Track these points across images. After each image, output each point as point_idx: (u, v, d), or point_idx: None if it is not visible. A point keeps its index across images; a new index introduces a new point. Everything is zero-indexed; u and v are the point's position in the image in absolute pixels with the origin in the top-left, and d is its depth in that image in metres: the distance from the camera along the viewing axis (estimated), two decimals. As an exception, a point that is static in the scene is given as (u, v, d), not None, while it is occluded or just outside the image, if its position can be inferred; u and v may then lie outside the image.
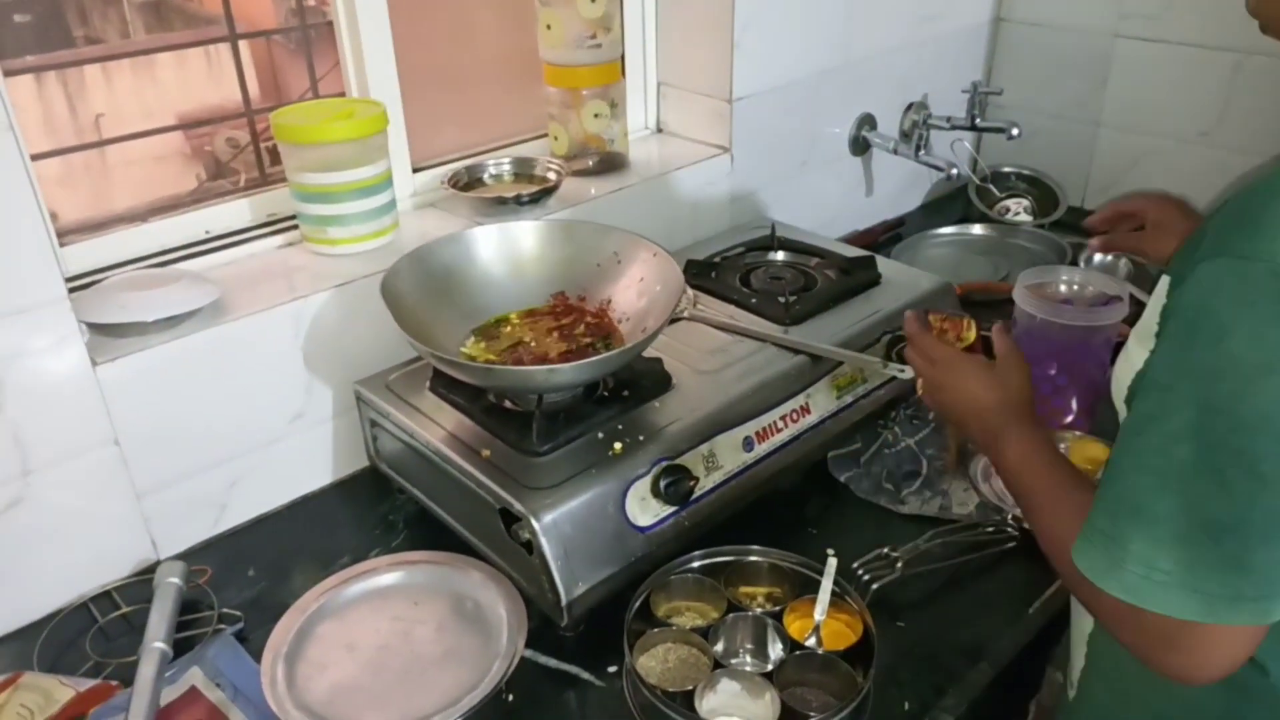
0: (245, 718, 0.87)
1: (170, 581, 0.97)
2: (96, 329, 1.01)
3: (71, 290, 0.95)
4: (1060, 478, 0.77)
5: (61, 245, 1.07)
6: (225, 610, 1.00)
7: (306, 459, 1.17)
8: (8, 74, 0.86)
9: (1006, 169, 1.83)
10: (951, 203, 1.89)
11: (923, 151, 1.63)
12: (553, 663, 0.93)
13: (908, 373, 1.10)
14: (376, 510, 1.14)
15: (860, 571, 0.99)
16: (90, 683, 0.89)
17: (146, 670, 0.86)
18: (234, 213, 1.22)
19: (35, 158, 0.91)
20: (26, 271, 0.91)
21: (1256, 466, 0.58)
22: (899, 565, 0.99)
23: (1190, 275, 0.62)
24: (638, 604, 0.91)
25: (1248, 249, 0.59)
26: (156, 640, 0.89)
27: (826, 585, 0.90)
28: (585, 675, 0.92)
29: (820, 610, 0.89)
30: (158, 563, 1.06)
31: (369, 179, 1.15)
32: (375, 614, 0.88)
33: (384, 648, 0.84)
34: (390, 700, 0.80)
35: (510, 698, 0.86)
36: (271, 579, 1.05)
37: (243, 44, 1.90)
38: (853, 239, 1.70)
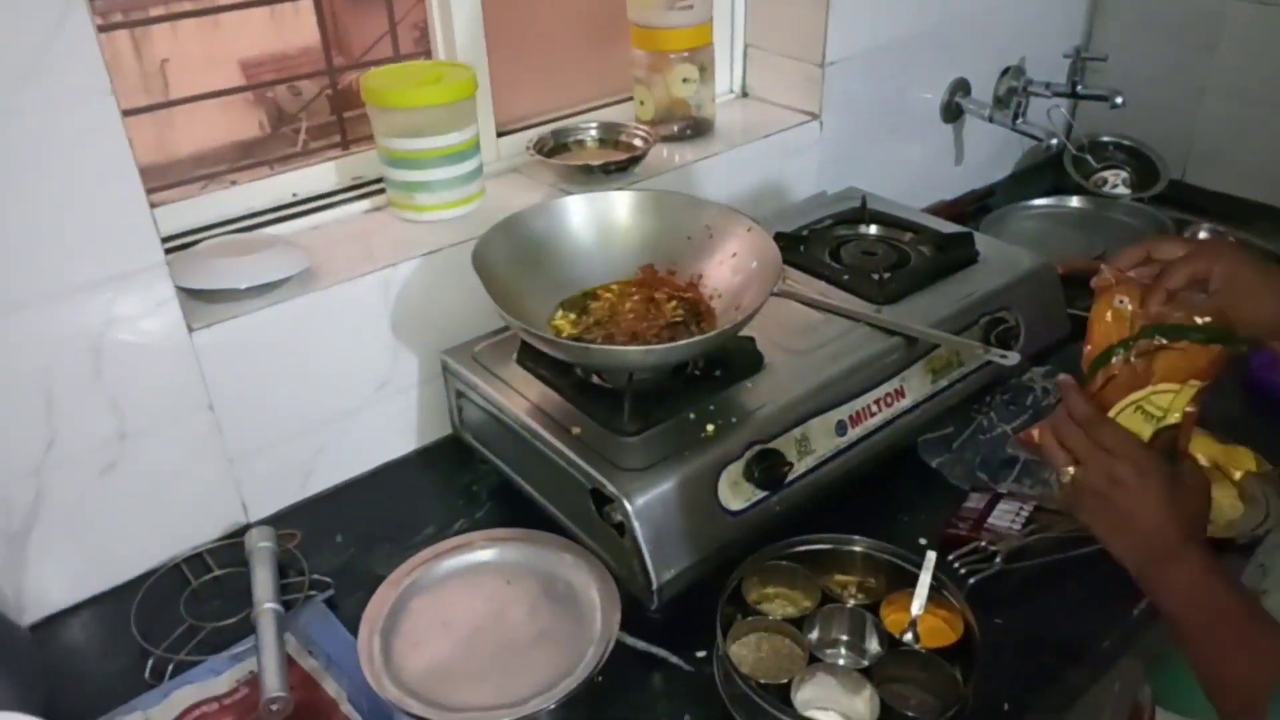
0: (338, 687, 0.88)
1: (264, 545, 0.98)
2: (189, 294, 1.01)
3: (165, 254, 0.95)
4: (1254, 607, 0.69)
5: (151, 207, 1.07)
6: (315, 576, 1.01)
7: (391, 427, 1.17)
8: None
9: (1105, 138, 1.75)
10: (1042, 173, 1.82)
11: (1020, 119, 1.57)
12: (641, 645, 0.92)
13: (1011, 359, 1.06)
14: (460, 480, 1.14)
15: (957, 565, 0.97)
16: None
17: (268, 630, 0.88)
18: (320, 175, 1.21)
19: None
20: (127, 236, 0.91)
21: None
22: (997, 560, 0.97)
23: None
24: (729, 591, 0.90)
25: None
26: (267, 601, 0.90)
27: (925, 579, 0.88)
28: (674, 659, 0.91)
29: (918, 605, 0.87)
30: (247, 526, 1.07)
31: (457, 145, 1.13)
32: (469, 591, 0.88)
33: (478, 627, 0.84)
34: (485, 681, 0.80)
35: (600, 679, 0.86)
36: (359, 546, 1.06)
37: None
38: (939, 209, 1.64)
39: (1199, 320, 0.76)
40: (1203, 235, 1.48)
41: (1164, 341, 0.76)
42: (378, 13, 2.42)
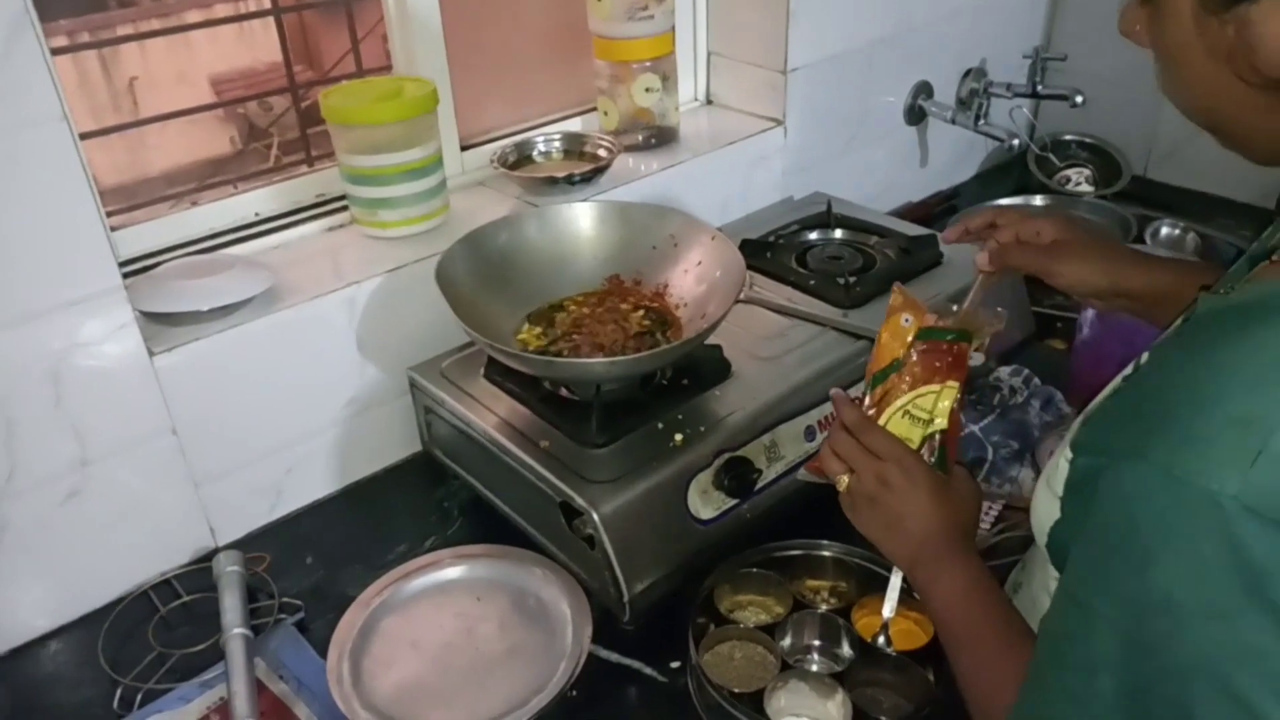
0: (309, 711, 0.87)
1: (232, 570, 0.97)
2: (150, 318, 1.00)
3: (123, 275, 0.94)
4: (1005, 627, 0.68)
5: (111, 230, 1.06)
6: (285, 599, 1.00)
7: (360, 445, 1.16)
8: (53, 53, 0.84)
9: (1067, 137, 1.77)
10: (1007, 173, 1.83)
11: (982, 120, 1.58)
12: (614, 658, 0.92)
13: (975, 360, 1.06)
14: (431, 497, 1.13)
15: (928, 566, 0.97)
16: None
17: (237, 656, 0.87)
18: (282, 194, 1.20)
19: (82, 137, 0.90)
20: (83, 261, 0.90)
21: (1189, 716, 0.50)
22: (967, 560, 0.97)
23: (1109, 471, 0.53)
24: (701, 600, 0.90)
25: (1181, 463, 0.50)
26: (236, 626, 0.89)
27: (895, 582, 0.87)
28: (648, 671, 0.91)
29: (889, 608, 0.87)
30: (215, 550, 1.06)
31: (419, 160, 1.13)
32: (438, 610, 0.87)
33: (448, 645, 0.84)
34: (457, 699, 0.79)
35: (574, 693, 0.86)
36: (329, 567, 1.05)
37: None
38: (905, 211, 1.65)
39: (948, 324, 0.80)
40: (1164, 233, 1.50)
41: (923, 346, 0.80)
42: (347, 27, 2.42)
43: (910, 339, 0.80)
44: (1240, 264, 0.66)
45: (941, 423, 0.79)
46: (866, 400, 0.82)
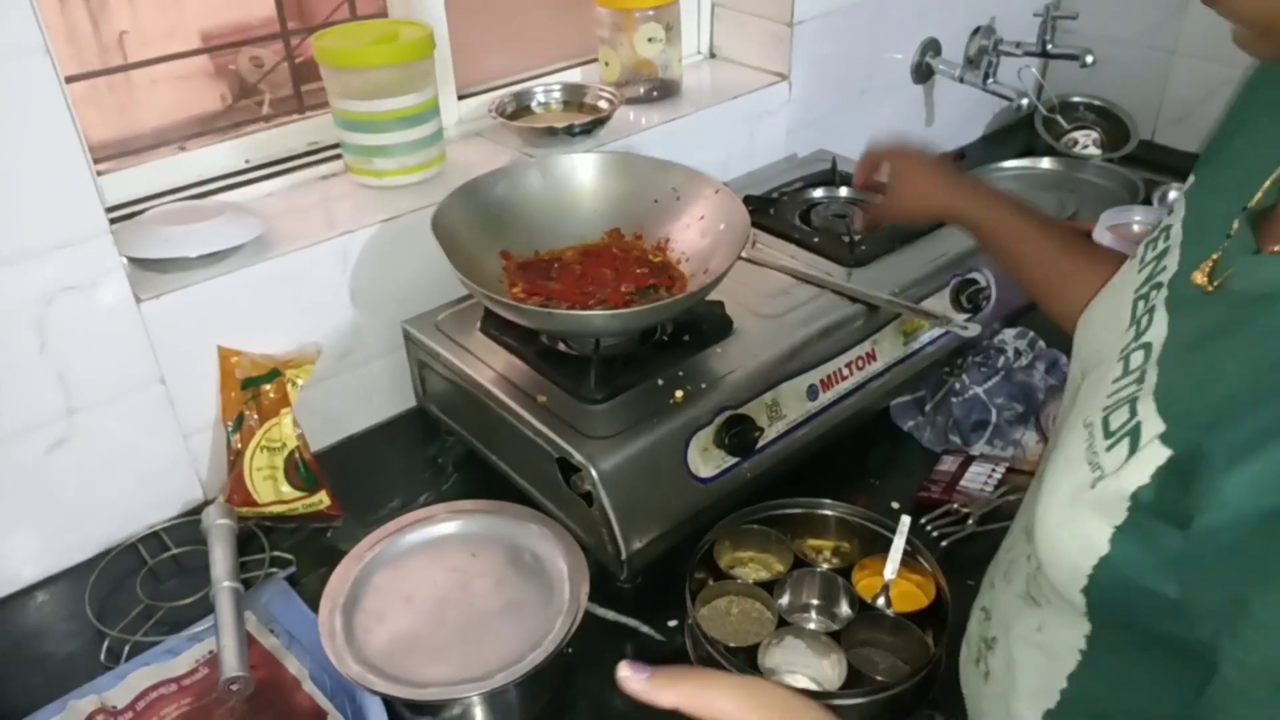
0: (300, 665, 0.86)
1: (223, 523, 0.95)
2: (138, 264, 0.97)
3: (110, 223, 0.91)
4: None
5: (96, 171, 1.03)
6: (276, 554, 0.98)
7: (354, 399, 1.14)
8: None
9: (1075, 99, 1.74)
10: (1014, 134, 1.80)
11: (991, 79, 1.55)
12: (611, 615, 0.91)
13: (971, 330, 1.05)
14: (425, 452, 1.12)
15: (930, 528, 0.96)
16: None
17: (226, 609, 0.85)
18: (274, 141, 1.17)
19: (69, 80, 0.87)
20: (67, 204, 0.87)
21: None
22: (970, 522, 0.96)
23: (1242, 472, 0.43)
24: (700, 555, 0.89)
25: None
26: (226, 580, 0.88)
27: (899, 544, 0.86)
28: (645, 629, 0.90)
29: (891, 569, 0.86)
30: (205, 503, 1.04)
31: (414, 107, 1.09)
32: (432, 564, 0.85)
33: (442, 600, 0.82)
34: (450, 654, 0.78)
35: (570, 651, 0.84)
36: (321, 521, 1.03)
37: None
38: (911, 172, 1.62)
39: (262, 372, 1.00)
40: (1172, 196, 1.47)
41: (252, 393, 1.00)
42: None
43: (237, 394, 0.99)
44: (1243, 226, 0.55)
45: (292, 443, 0.99)
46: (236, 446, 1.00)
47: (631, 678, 0.50)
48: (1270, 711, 0.44)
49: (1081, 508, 0.52)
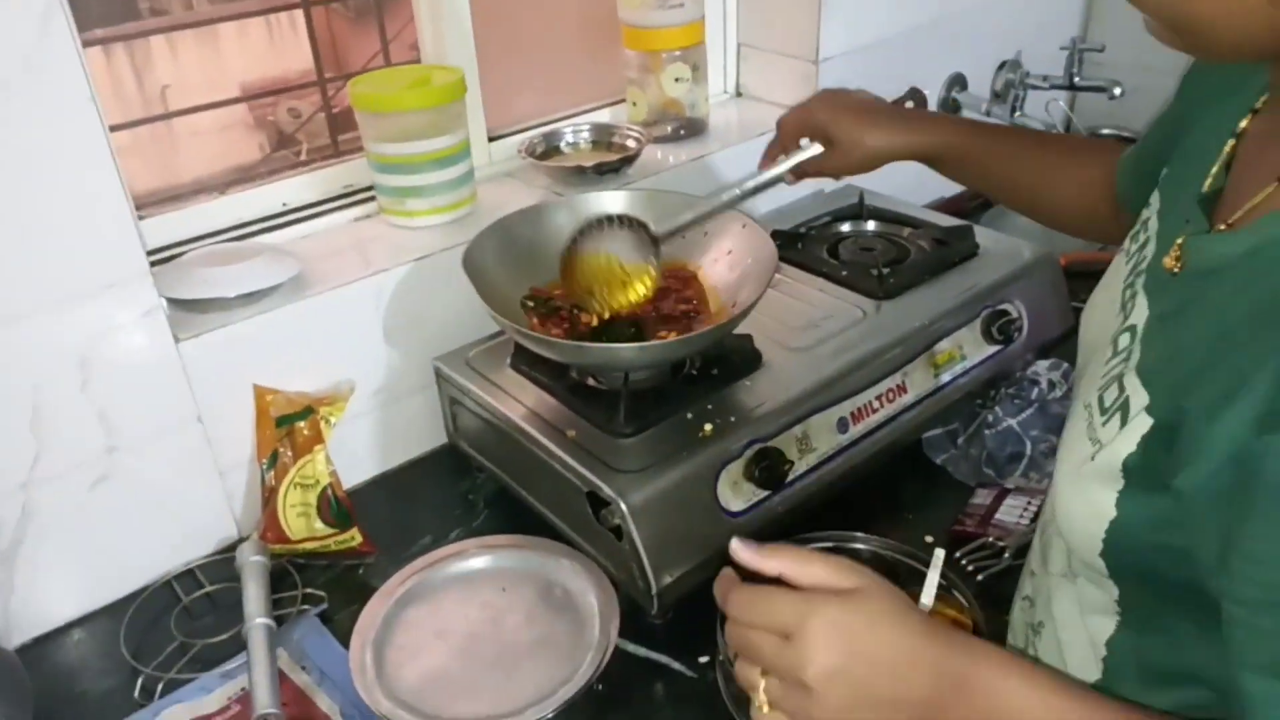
0: (331, 702, 0.86)
1: (256, 560, 0.96)
2: (177, 304, 0.99)
3: (151, 265, 0.93)
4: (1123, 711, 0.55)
5: (140, 219, 1.06)
6: (309, 590, 0.99)
7: (386, 436, 1.15)
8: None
9: (1105, 130, 1.73)
10: (1043, 167, 1.79)
11: (1018, 112, 1.55)
12: (642, 651, 0.90)
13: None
14: (456, 489, 1.12)
15: (965, 562, 0.94)
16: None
17: (259, 646, 0.86)
18: (310, 184, 1.19)
19: (111, 129, 0.90)
20: (109, 246, 0.89)
21: None
22: (1006, 555, 0.94)
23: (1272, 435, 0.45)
24: (732, 592, 0.88)
25: None
26: (259, 617, 0.88)
27: (933, 578, 0.84)
28: (676, 665, 0.89)
29: (926, 603, 0.84)
30: (239, 540, 1.05)
31: (447, 149, 1.12)
32: (464, 600, 0.85)
33: (474, 635, 0.82)
34: (482, 690, 0.77)
35: (600, 687, 0.84)
36: (354, 558, 1.04)
37: (302, 14, 1.87)
38: (940, 206, 1.62)
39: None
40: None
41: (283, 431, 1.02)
42: (376, 31, 2.43)
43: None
44: (1194, 210, 0.59)
45: (325, 480, 1.00)
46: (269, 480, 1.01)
47: (741, 549, 0.61)
48: None
49: (1087, 479, 0.57)
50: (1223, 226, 0.56)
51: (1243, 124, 0.61)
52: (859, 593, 0.56)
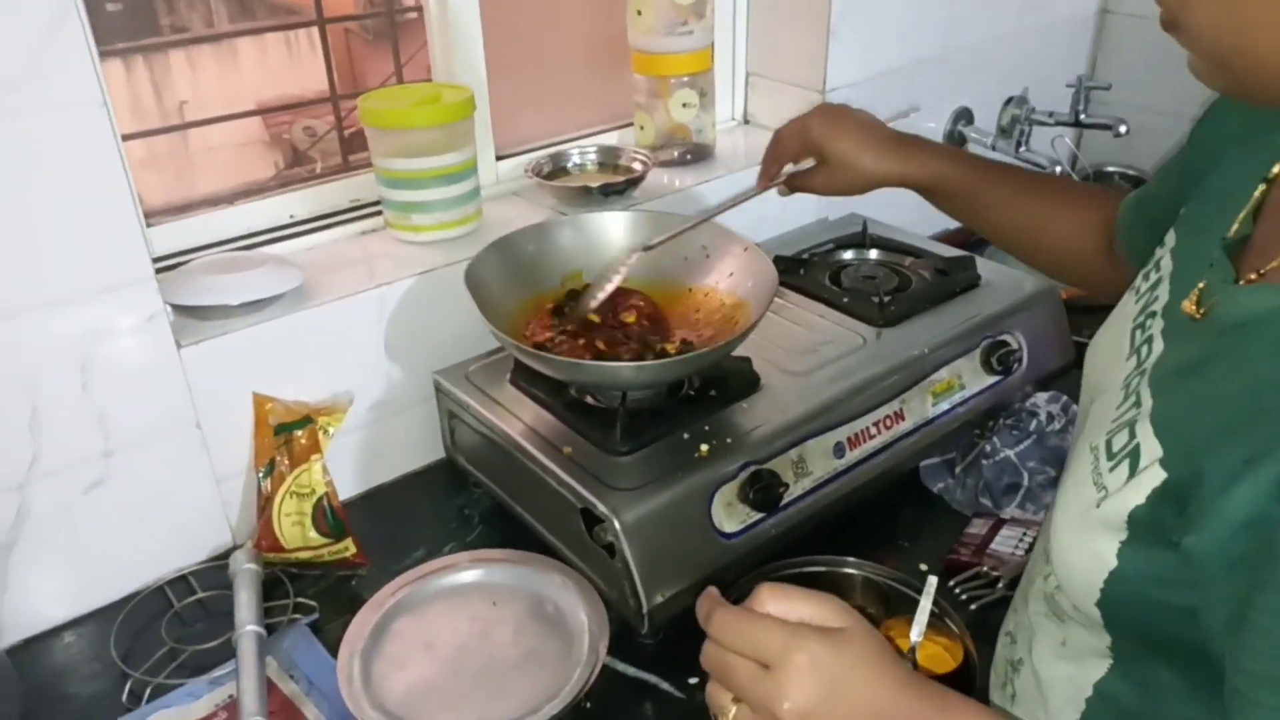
0: (318, 711, 0.85)
1: (249, 567, 0.96)
2: (181, 310, 1.00)
3: (157, 271, 0.94)
4: None
5: (148, 226, 1.07)
6: (300, 599, 0.98)
7: (383, 448, 1.15)
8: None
9: (1110, 169, 1.74)
10: (1048, 203, 1.80)
11: (1024, 148, 1.56)
12: (631, 671, 0.89)
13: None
14: (452, 503, 1.12)
15: (958, 591, 0.94)
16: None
17: (248, 654, 0.85)
18: (318, 197, 1.20)
19: (123, 139, 0.91)
20: (115, 249, 0.90)
21: None
22: (1000, 585, 0.94)
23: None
24: (723, 614, 0.87)
25: None
26: (250, 624, 0.88)
27: (925, 605, 0.84)
28: (665, 686, 0.88)
29: (917, 631, 0.84)
30: (234, 547, 1.05)
31: (454, 166, 1.13)
32: (453, 612, 0.85)
33: (462, 648, 0.82)
34: (468, 703, 0.77)
35: (588, 704, 0.83)
36: (346, 569, 1.03)
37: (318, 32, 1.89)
38: (944, 237, 1.62)
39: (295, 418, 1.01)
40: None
41: (285, 439, 1.01)
42: (391, 53, 2.47)
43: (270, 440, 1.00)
44: (1219, 256, 0.57)
45: (321, 489, 0.99)
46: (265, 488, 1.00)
47: (717, 598, 0.61)
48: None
49: (1090, 525, 0.55)
50: (1254, 276, 0.54)
51: (1276, 169, 0.59)
52: (844, 634, 0.55)
